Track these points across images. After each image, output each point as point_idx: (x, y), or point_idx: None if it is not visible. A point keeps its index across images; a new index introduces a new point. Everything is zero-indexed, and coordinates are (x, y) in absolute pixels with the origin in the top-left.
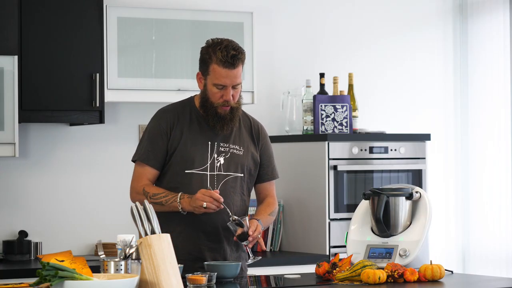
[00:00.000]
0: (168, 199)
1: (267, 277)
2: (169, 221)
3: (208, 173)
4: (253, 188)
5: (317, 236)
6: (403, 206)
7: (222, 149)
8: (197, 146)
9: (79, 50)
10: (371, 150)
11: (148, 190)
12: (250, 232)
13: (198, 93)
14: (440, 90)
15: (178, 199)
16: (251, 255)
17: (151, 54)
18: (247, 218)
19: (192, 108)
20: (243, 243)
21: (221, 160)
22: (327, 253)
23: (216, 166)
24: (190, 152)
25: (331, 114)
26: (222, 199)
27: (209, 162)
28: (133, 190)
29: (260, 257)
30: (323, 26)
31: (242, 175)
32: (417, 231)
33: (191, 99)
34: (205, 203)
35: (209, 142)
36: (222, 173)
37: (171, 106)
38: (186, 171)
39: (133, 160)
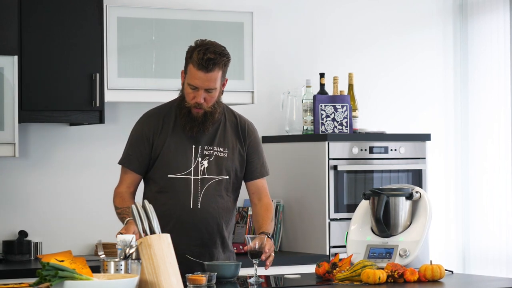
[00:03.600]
0: (120, 218)
1: (267, 277)
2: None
3: (192, 177)
4: (245, 186)
5: (317, 236)
6: (403, 206)
7: (206, 152)
8: (181, 150)
9: (79, 50)
10: (371, 150)
11: (115, 200)
12: (266, 250)
13: None
14: (440, 90)
15: (124, 223)
16: (256, 274)
17: (151, 54)
18: (260, 236)
19: (177, 110)
20: (253, 260)
21: (205, 163)
22: (327, 253)
23: (200, 170)
24: (173, 156)
25: (331, 114)
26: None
27: (193, 166)
28: (113, 193)
29: (263, 281)
30: (323, 26)
31: (227, 177)
32: (417, 231)
33: (177, 100)
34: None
35: (193, 146)
36: (206, 176)
37: (156, 109)
38: (169, 176)
39: (118, 163)
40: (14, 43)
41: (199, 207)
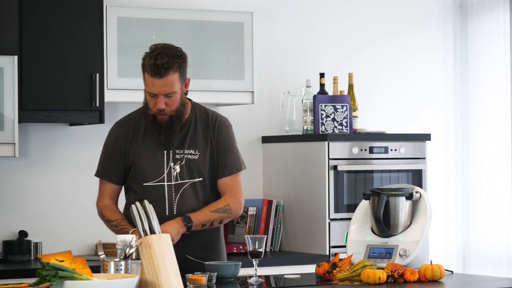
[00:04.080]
0: (119, 230)
1: (267, 277)
2: None
3: (166, 183)
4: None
5: (317, 236)
6: (403, 206)
7: (178, 156)
8: (152, 157)
9: (79, 50)
10: (371, 150)
11: (105, 213)
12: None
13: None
14: (440, 90)
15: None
16: (255, 274)
17: None
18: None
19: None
20: (253, 260)
21: (177, 168)
22: (327, 253)
23: (173, 176)
24: (145, 164)
25: (331, 114)
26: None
27: (165, 173)
28: (97, 209)
29: (263, 281)
30: (323, 26)
31: (201, 179)
32: (417, 231)
33: (143, 107)
34: None
35: (165, 151)
36: (180, 182)
37: (126, 118)
38: (144, 184)
39: (95, 175)
40: (14, 43)
41: (174, 213)
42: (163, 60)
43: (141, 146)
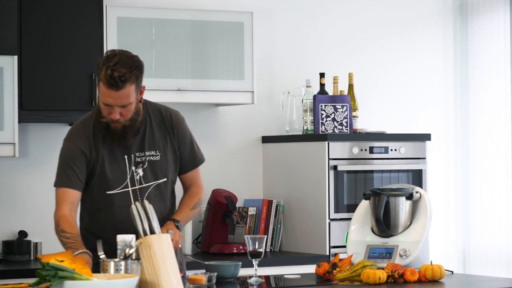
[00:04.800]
0: (68, 244)
1: (267, 277)
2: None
3: (130, 189)
4: (179, 180)
5: (317, 236)
6: (403, 206)
7: (139, 159)
8: (114, 164)
9: (79, 50)
10: (371, 150)
11: (61, 223)
12: (172, 238)
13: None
14: (440, 90)
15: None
16: (255, 274)
17: (151, 54)
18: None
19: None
20: (253, 260)
21: (140, 171)
22: (327, 253)
23: (136, 180)
24: (108, 172)
25: (331, 114)
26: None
27: (128, 178)
28: (54, 220)
29: (263, 281)
30: (323, 26)
31: (166, 179)
32: (417, 231)
33: (98, 111)
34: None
35: (126, 156)
36: (144, 185)
37: (83, 124)
38: (107, 193)
39: (55, 186)
40: (14, 43)
41: None
42: (120, 73)
43: (102, 152)
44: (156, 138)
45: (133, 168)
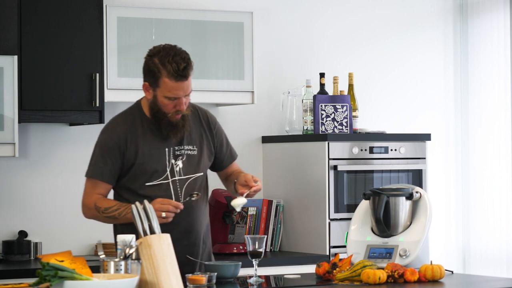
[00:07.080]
0: (121, 212)
1: (267, 277)
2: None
3: (170, 180)
4: (218, 176)
5: (317, 236)
6: (403, 206)
7: (178, 153)
8: (155, 156)
9: (79, 50)
10: (371, 150)
11: (100, 204)
12: (254, 180)
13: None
14: (440, 90)
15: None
16: (255, 274)
17: None
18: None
19: (143, 116)
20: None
21: (180, 164)
22: (327, 253)
23: (176, 171)
24: (149, 164)
25: (331, 114)
26: (181, 206)
27: (168, 170)
28: (84, 205)
29: (263, 281)
30: (323, 26)
31: (202, 174)
32: (417, 231)
33: (139, 105)
34: (164, 213)
35: (166, 149)
36: (183, 177)
37: (121, 117)
38: (147, 184)
39: (86, 176)
40: (14, 43)
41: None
42: (184, 62)
43: (141, 146)
44: (193, 134)
45: (173, 160)
